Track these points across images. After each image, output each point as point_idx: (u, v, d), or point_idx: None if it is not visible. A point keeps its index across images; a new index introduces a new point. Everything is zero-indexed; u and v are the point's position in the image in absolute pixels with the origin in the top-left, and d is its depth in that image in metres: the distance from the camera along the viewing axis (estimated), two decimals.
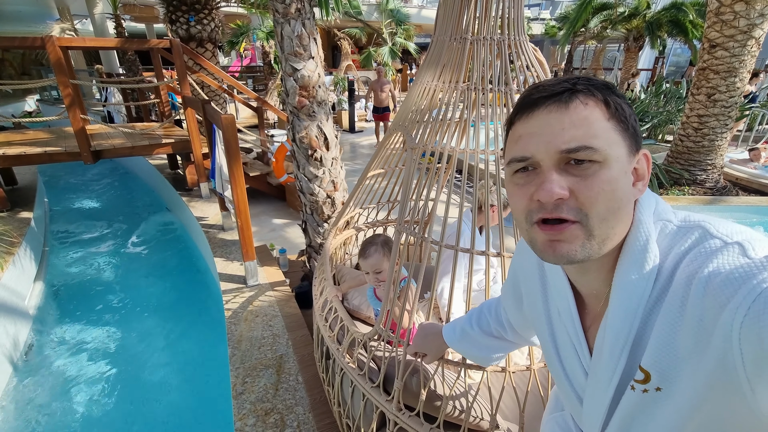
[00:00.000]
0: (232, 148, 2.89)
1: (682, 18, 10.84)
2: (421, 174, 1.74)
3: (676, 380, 0.51)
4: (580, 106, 0.52)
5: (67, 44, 4.68)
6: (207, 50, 6.49)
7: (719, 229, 0.51)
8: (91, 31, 11.24)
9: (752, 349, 0.42)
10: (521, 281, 0.80)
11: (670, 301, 0.51)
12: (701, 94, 4.96)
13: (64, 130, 5.30)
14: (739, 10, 4.41)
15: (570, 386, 0.70)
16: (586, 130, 0.51)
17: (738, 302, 0.43)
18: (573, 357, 0.67)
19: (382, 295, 1.75)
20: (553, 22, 16.88)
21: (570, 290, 0.65)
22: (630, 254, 0.55)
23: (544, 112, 0.54)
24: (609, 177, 0.51)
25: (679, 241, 0.54)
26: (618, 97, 0.55)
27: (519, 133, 0.56)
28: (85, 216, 5.96)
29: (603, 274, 0.59)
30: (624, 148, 0.53)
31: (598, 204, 0.51)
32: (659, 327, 0.52)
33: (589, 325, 0.65)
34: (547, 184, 0.52)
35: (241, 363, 2.30)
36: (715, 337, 0.45)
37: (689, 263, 0.51)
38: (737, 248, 0.48)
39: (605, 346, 0.58)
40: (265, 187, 5.23)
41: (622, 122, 0.54)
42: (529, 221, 0.56)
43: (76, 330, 3.52)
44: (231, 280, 3.21)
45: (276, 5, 2.54)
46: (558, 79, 0.56)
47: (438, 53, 1.60)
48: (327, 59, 16.89)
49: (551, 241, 0.54)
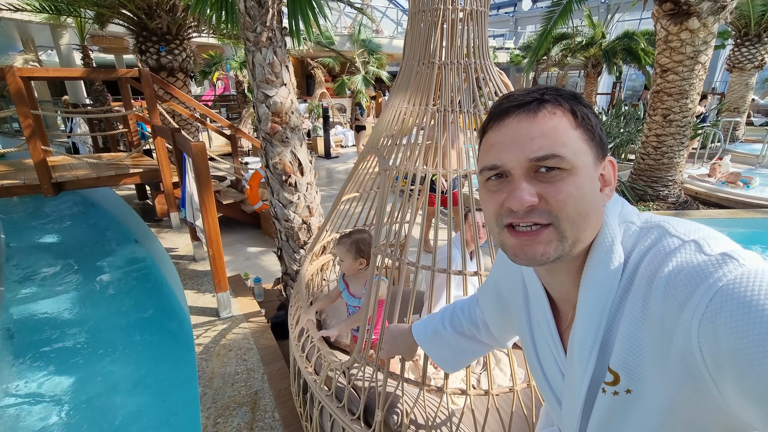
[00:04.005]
0: (203, 175, 2.82)
1: (635, 46, 11.70)
2: (396, 196, 1.73)
3: (644, 381, 0.51)
4: (548, 116, 0.54)
5: (28, 74, 4.55)
6: (178, 79, 6.44)
7: (677, 228, 0.53)
8: (57, 62, 11.00)
9: (711, 347, 0.43)
10: (504, 289, 0.81)
11: (633, 300, 0.52)
12: (657, 115, 5.27)
13: (24, 163, 5.07)
14: (685, 38, 4.78)
15: (550, 389, 0.71)
16: (555, 139, 0.53)
17: (696, 301, 0.44)
18: (552, 361, 0.68)
19: (355, 292, 1.84)
20: (517, 51, 17.82)
21: (545, 295, 0.67)
22: (597, 255, 0.56)
23: (514, 121, 0.55)
24: (576, 183, 0.53)
25: (640, 241, 0.55)
26: (584, 107, 0.56)
27: (491, 142, 0.58)
28: (46, 252, 5.63)
29: (572, 275, 0.61)
30: (590, 156, 0.55)
31: (568, 208, 0.53)
32: (624, 327, 0.53)
33: (564, 329, 0.66)
34: (517, 192, 0.53)
35: (212, 402, 2.15)
36: (677, 337, 0.46)
37: (649, 262, 0.52)
38: (693, 246, 0.49)
39: (575, 348, 0.59)
40: (240, 214, 5.12)
41: (589, 131, 0.55)
42: (500, 225, 0.57)
43: (32, 375, 3.24)
44: (202, 313, 3.06)
45: (247, 34, 2.56)
46: (527, 90, 0.58)
47: (407, 77, 1.62)
48: (301, 87, 17.09)
49: (522, 245, 0.55)
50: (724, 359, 0.42)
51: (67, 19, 7.62)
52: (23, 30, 10.66)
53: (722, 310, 0.42)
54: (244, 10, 2.50)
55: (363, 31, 12.57)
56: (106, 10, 5.76)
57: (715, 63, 14.27)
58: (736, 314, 0.41)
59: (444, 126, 1.48)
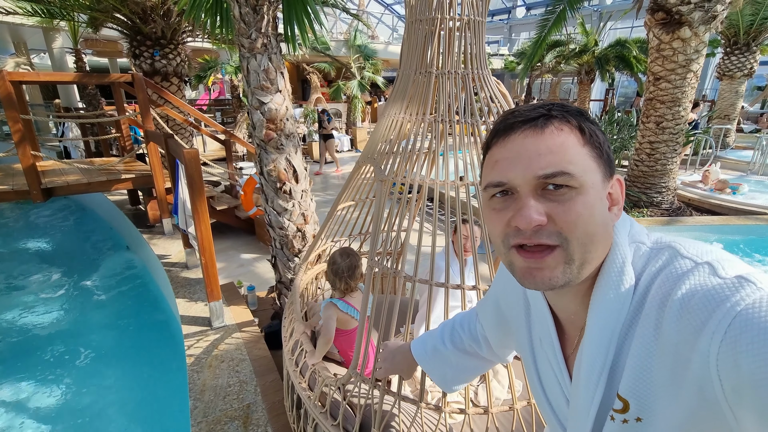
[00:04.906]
0: (196, 183, 2.77)
1: (627, 54, 11.85)
2: (393, 203, 1.71)
3: (656, 410, 0.49)
4: (555, 132, 0.53)
5: (19, 79, 4.47)
6: (173, 84, 6.39)
7: (689, 249, 0.51)
8: (49, 66, 10.89)
9: (730, 376, 0.41)
10: (504, 305, 0.79)
11: (644, 324, 0.50)
12: (650, 122, 5.32)
13: (13, 168, 4.98)
14: (677, 46, 4.83)
15: (553, 414, 0.69)
16: (563, 156, 0.51)
17: (713, 327, 0.42)
18: (555, 384, 0.66)
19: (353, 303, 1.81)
20: (511, 58, 17.98)
21: (550, 317, 0.65)
22: (607, 276, 0.54)
23: (520, 137, 0.53)
24: (586, 202, 0.51)
25: (651, 262, 0.53)
26: (592, 124, 0.55)
27: (495, 158, 0.56)
28: (35, 258, 5.53)
29: (580, 296, 0.59)
30: (599, 174, 0.53)
31: (578, 229, 0.51)
32: (634, 352, 0.51)
33: (569, 353, 0.64)
34: (525, 210, 0.51)
35: (203, 416, 2.10)
36: (693, 364, 0.44)
37: (661, 285, 0.50)
38: (707, 268, 0.47)
39: (582, 372, 0.57)
40: (234, 220, 5.06)
41: (597, 148, 0.54)
42: (507, 245, 0.55)
43: (17, 384, 3.15)
44: (194, 323, 3.00)
45: (242, 40, 2.53)
46: (533, 105, 0.56)
47: (404, 87, 1.61)
48: (297, 92, 17.08)
49: (531, 269, 0.53)
50: (745, 387, 0.40)
51: (60, 22, 7.54)
52: (15, 33, 10.56)
53: (743, 337, 0.40)
54: (239, 17, 2.48)
55: (359, 36, 12.59)
56: (99, 14, 5.71)
57: (705, 71, 14.50)
58: (758, 341, 0.39)
59: (441, 135, 1.46)
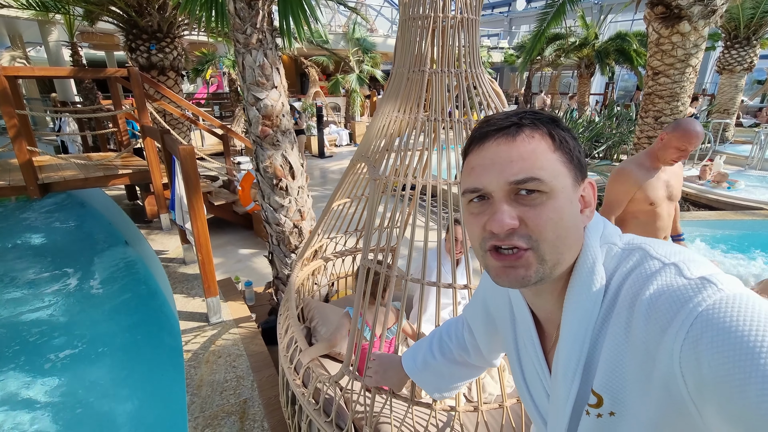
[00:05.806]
0: (192, 180, 2.77)
1: (627, 47, 11.77)
2: (387, 199, 1.71)
3: (628, 404, 0.52)
4: (527, 140, 0.56)
5: (14, 73, 4.44)
6: (169, 78, 6.34)
7: (657, 250, 0.54)
8: (45, 59, 10.81)
9: (693, 374, 0.43)
10: (491, 307, 0.81)
11: (616, 322, 0.53)
12: (649, 117, 5.30)
13: (10, 163, 4.97)
14: (676, 41, 4.80)
15: (536, 410, 0.72)
16: (533, 162, 0.54)
17: (677, 326, 0.45)
18: (536, 380, 0.69)
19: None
20: (511, 51, 17.86)
21: (530, 316, 0.68)
22: (578, 277, 0.57)
23: (494, 145, 0.57)
24: (555, 206, 0.54)
25: (622, 263, 0.56)
26: (563, 130, 0.58)
27: (472, 165, 0.59)
28: (32, 254, 5.53)
29: (555, 295, 0.62)
30: (569, 178, 0.56)
31: (547, 231, 0.54)
32: (607, 349, 0.54)
33: (548, 349, 0.67)
34: (498, 215, 0.55)
35: (200, 411, 2.12)
36: (660, 362, 0.47)
37: (631, 285, 0.53)
38: (673, 269, 0.50)
39: (559, 368, 0.60)
40: (231, 216, 5.06)
41: (567, 154, 0.57)
42: (483, 248, 0.58)
43: (14, 379, 3.17)
44: (192, 318, 3.02)
45: (237, 36, 2.51)
46: (507, 113, 0.59)
47: (397, 85, 1.60)
48: (295, 86, 16.96)
49: (505, 267, 0.56)
50: (706, 384, 0.42)
51: (56, 15, 7.48)
52: (11, 26, 10.47)
53: (703, 336, 0.43)
54: (234, 12, 2.46)
55: (357, 29, 12.48)
56: (95, 8, 5.65)
57: (705, 64, 14.43)
58: (717, 340, 0.42)
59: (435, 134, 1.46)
